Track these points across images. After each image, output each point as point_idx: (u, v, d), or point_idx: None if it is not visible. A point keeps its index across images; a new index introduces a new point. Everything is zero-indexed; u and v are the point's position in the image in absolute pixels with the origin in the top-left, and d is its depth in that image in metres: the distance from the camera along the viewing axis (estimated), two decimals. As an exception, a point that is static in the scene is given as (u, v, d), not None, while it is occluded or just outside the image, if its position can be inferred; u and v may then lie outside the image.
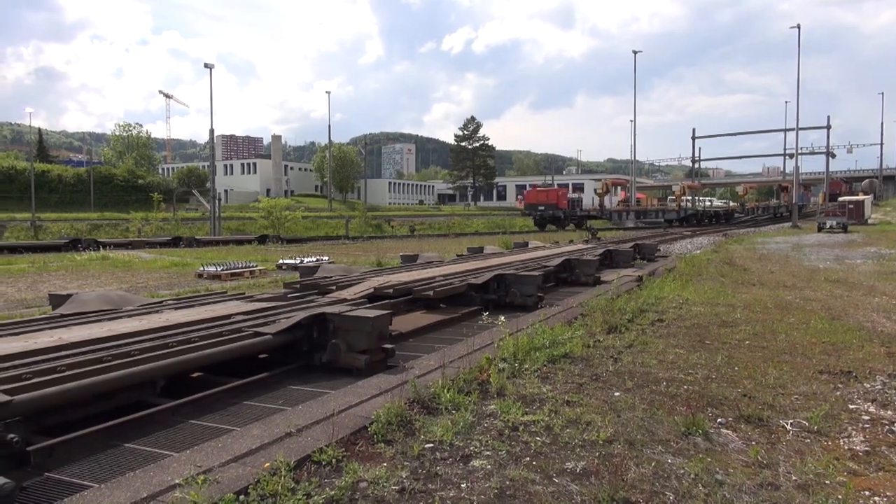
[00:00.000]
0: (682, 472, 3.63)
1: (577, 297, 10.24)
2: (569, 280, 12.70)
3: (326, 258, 18.70)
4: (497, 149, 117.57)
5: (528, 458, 3.79)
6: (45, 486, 3.54)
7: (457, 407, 4.64)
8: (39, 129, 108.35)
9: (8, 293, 12.44)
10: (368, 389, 5.00)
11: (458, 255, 16.61)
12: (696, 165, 76.22)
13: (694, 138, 76.45)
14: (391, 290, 8.59)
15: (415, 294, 8.67)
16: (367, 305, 7.41)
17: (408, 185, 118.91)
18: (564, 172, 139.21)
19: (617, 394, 5.10)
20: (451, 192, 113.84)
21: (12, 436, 3.53)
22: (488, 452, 3.88)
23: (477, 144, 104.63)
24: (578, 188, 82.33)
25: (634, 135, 65.36)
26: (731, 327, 7.92)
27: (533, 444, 4.01)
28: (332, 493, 3.25)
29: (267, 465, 3.45)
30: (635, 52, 63.57)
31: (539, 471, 3.61)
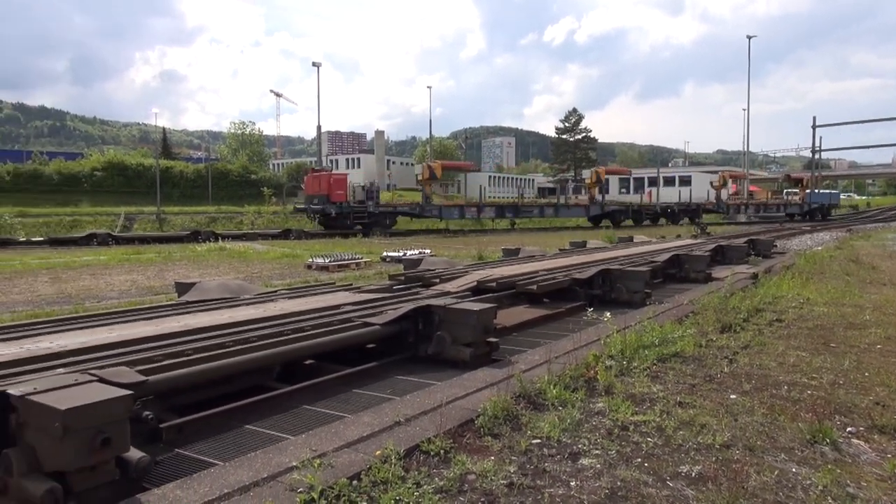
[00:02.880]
0: (808, 482, 3.41)
1: (687, 295, 9.85)
2: (677, 276, 12.23)
3: (429, 251, 18.96)
4: (599, 141, 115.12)
5: (639, 459, 3.68)
6: (175, 461, 3.79)
7: (563, 403, 4.58)
8: (164, 129, 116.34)
9: (139, 281, 13.45)
10: (474, 382, 5.03)
11: (560, 250, 16.39)
12: (817, 156, 71.24)
13: (814, 127, 71.60)
14: (494, 284, 8.59)
15: (518, 288, 8.63)
16: (471, 298, 7.45)
17: (507, 178, 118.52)
18: (671, 164, 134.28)
19: (733, 396, 4.86)
20: (551, 185, 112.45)
21: (147, 413, 3.80)
22: (597, 451, 3.80)
23: (578, 137, 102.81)
24: (686, 181, 78.81)
25: (748, 124, 62.10)
26: (859, 330, 7.36)
27: (644, 445, 3.89)
28: (442, 483, 3.29)
29: (378, 452, 3.54)
30: (749, 38, 60.27)
31: (651, 473, 3.50)
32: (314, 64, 50.72)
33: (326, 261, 15.95)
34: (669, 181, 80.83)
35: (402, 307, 6.27)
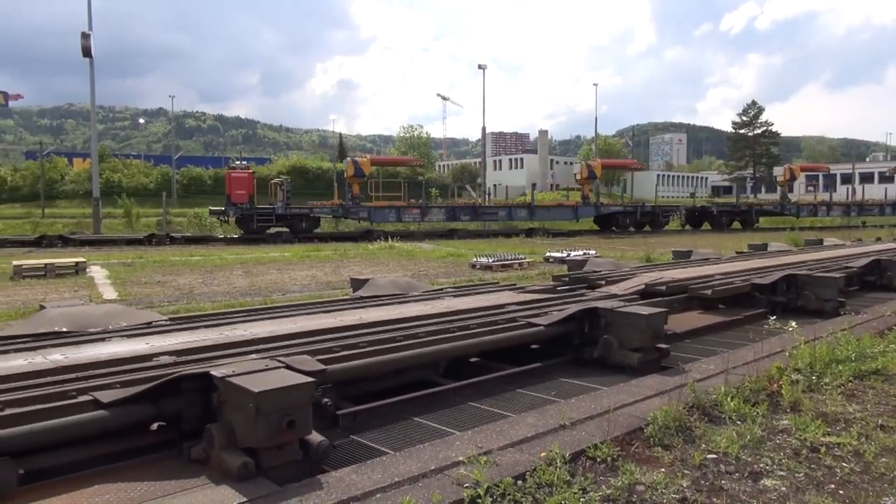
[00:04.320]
0: None
1: (891, 305, 8.77)
2: (878, 284, 10.93)
3: (594, 252, 18.55)
4: (782, 135, 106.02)
5: (832, 486, 3.33)
6: (350, 447, 4.02)
7: (742, 418, 4.26)
8: (340, 134, 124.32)
9: (318, 276, 14.47)
10: (642, 389, 4.83)
11: (737, 252, 15.30)
12: None
13: None
14: (664, 288, 8.19)
15: (690, 292, 8.17)
16: (639, 302, 7.16)
17: (678, 176, 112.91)
18: (868, 159, 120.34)
19: (950, 423, 4.25)
20: (726, 183, 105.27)
21: (326, 400, 4.06)
22: (782, 472, 3.49)
23: (758, 131, 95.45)
24: (888, 178, 70.16)
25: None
26: None
27: (838, 471, 3.51)
28: (609, 492, 3.19)
29: (543, 454, 3.50)
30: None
31: (847, 502, 3.15)
32: (480, 66, 51.61)
33: (490, 260, 16.16)
34: (867, 177, 72.59)
35: (567, 308, 6.18)
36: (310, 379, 3.55)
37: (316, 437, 3.47)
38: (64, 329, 5.36)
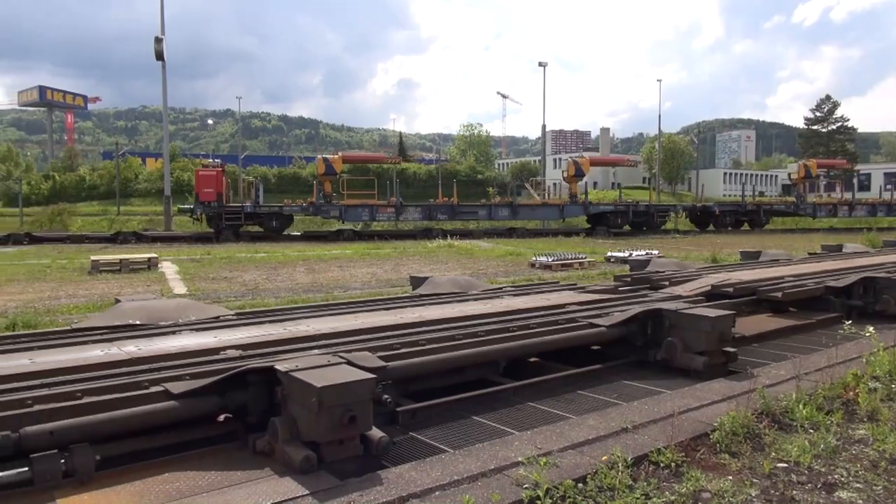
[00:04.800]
0: None
1: (978, 311, 8.23)
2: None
3: (656, 252, 18.14)
4: (859, 131, 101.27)
5: (914, 501, 3.15)
6: (409, 444, 4.05)
7: (815, 426, 4.08)
8: (400, 133, 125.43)
9: (378, 273, 14.65)
10: (708, 394, 4.70)
11: (809, 254, 14.70)
12: None
13: None
14: (731, 289, 7.94)
15: (759, 295, 7.90)
16: (705, 304, 6.96)
17: (746, 174, 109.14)
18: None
19: None
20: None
21: (386, 396, 4.09)
22: (859, 485, 3.33)
23: (833, 127, 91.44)
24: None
25: None
26: None
27: (921, 485, 3.32)
28: (672, 498, 3.11)
29: (604, 457, 3.45)
30: None
31: (932, 518, 2.98)
32: (540, 63, 51.24)
33: (550, 260, 16.01)
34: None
35: (629, 309, 6.06)
36: (371, 375, 3.59)
37: (376, 433, 3.51)
38: (137, 322, 5.59)
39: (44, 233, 29.79)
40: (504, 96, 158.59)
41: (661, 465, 3.48)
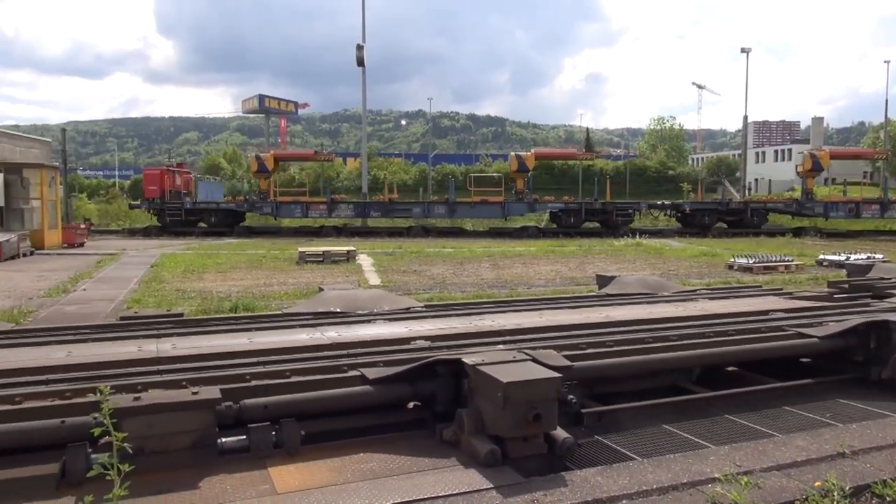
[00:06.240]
0: None
1: None
2: None
3: (880, 256, 16.04)
4: None
5: None
6: (594, 447, 3.93)
7: None
8: (587, 129, 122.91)
9: (562, 271, 14.51)
10: (949, 422, 4.04)
11: None
12: None
13: None
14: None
15: None
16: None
17: None
18: None
19: None
20: None
21: (571, 397, 4.01)
22: None
23: None
24: None
25: None
26: None
27: None
28: (903, 539, 2.71)
29: (817, 483, 3.09)
30: None
31: None
32: (743, 50, 47.37)
33: (750, 261, 14.80)
34: None
35: (847, 320, 5.39)
36: (556, 374, 3.54)
37: (561, 433, 3.46)
38: (338, 309, 6.03)
39: (261, 226, 33.33)
40: (700, 87, 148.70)
41: (888, 498, 3.05)
